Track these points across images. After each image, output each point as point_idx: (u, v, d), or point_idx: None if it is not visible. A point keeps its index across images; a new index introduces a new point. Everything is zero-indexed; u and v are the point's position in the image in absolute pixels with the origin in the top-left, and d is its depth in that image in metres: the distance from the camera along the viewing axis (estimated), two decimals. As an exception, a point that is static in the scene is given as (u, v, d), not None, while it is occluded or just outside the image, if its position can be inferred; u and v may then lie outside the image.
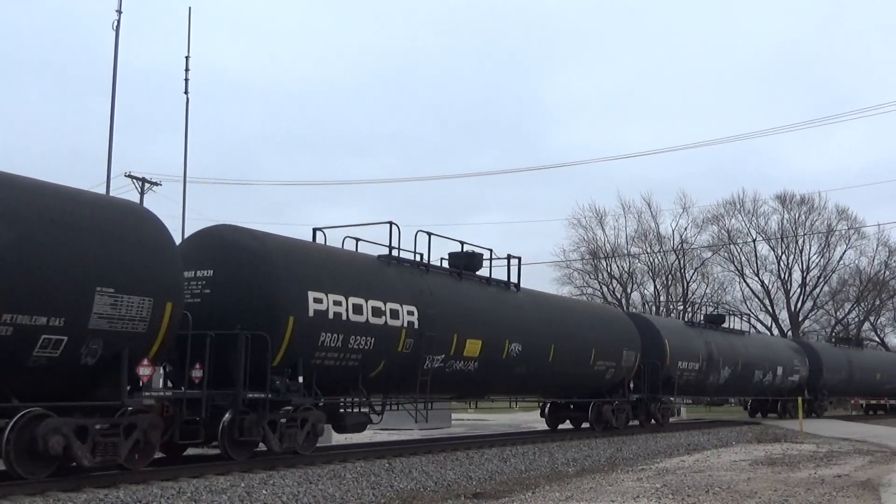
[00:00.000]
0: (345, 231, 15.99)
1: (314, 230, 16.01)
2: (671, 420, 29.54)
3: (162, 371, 13.14)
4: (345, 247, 15.99)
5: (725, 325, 32.38)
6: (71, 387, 10.46)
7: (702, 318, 31.73)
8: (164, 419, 11.54)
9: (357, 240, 16.03)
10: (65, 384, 10.37)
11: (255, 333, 12.35)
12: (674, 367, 25.82)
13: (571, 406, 23.49)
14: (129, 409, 10.74)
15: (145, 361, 10.87)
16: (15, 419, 9.66)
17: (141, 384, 11.00)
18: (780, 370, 33.96)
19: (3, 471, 10.01)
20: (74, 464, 10.34)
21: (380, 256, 15.88)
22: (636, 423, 25.16)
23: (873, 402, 49.43)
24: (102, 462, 10.47)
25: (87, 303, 10.04)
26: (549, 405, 24.19)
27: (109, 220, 10.87)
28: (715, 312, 34.31)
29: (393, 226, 15.86)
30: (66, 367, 10.13)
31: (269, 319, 12.63)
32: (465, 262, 18.07)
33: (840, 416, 42.49)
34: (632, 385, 24.34)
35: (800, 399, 32.45)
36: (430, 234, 17.08)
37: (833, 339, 46.92)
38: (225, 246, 13.31)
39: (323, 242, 15.78)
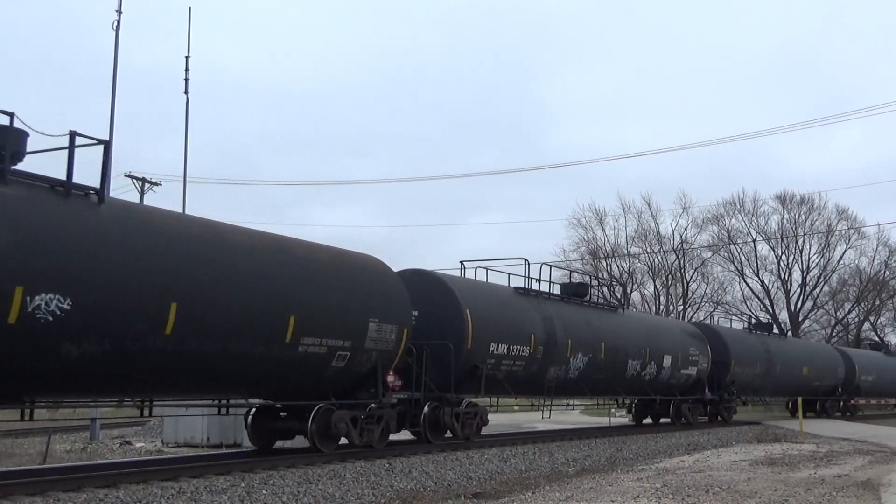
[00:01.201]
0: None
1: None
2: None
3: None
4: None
5: (595, 299, 24.72)
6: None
7: (550, 286, 22.34)
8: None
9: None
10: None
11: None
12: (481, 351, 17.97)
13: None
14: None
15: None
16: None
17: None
18: (667, 361, 25.85)
19: (5, 471, 10.01)
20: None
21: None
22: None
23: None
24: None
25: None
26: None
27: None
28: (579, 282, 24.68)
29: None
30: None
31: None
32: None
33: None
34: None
35: (800, 399, 32.44)
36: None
37: (748, 325, 37.49)
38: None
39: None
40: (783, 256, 66.28)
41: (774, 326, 38.00)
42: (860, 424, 34.91)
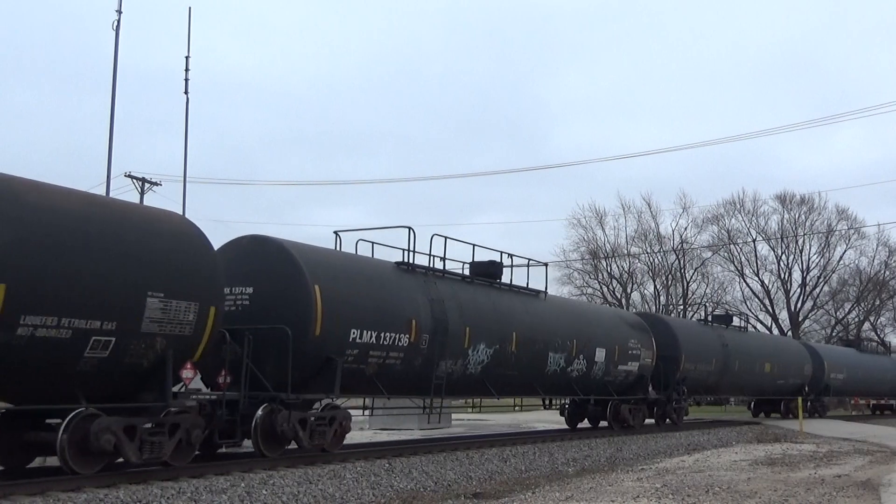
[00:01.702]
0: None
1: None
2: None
3: None
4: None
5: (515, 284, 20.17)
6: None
7: (444, 262, 17.99)
8: None
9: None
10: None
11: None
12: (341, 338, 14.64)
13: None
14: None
15: None
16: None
17: None
18: (600, 355, 22.11)
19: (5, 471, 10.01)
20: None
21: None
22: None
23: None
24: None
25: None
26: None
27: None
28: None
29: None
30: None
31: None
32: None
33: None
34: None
35: (800, 399, 32.45)
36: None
37: (705, 316, 34.41)
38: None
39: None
40: (783, 256, 66.39)
41: (735, 319, 33.75)
42: (860, 424, 34.91)
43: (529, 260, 21.06)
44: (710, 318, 33.11)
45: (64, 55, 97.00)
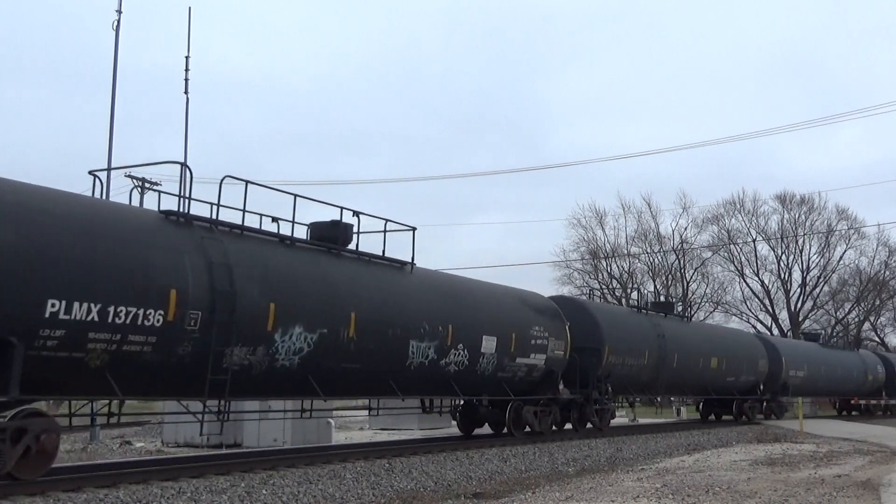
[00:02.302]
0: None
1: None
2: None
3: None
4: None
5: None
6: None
7: (240, 215, 13.79)
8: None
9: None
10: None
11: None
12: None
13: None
14: None
15: None
16: None
17: None
18: (488, 345, 17.94)
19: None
20: None
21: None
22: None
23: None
24: None
25: None
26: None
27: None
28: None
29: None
30: None
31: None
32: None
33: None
34: None
35: (800, 399, 32.44)
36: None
37: (639, 301, 29.58)
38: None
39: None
40: (783, 256, 66.43)
41: (676, 307, 29.89)
42: (860, 424, 34.90)
43: (387, 221, 16.37)
44: (645, 304, 28.25)
45: (64, 55, 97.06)
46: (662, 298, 35.67)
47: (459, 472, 14.75)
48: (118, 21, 26.99)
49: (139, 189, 36.98)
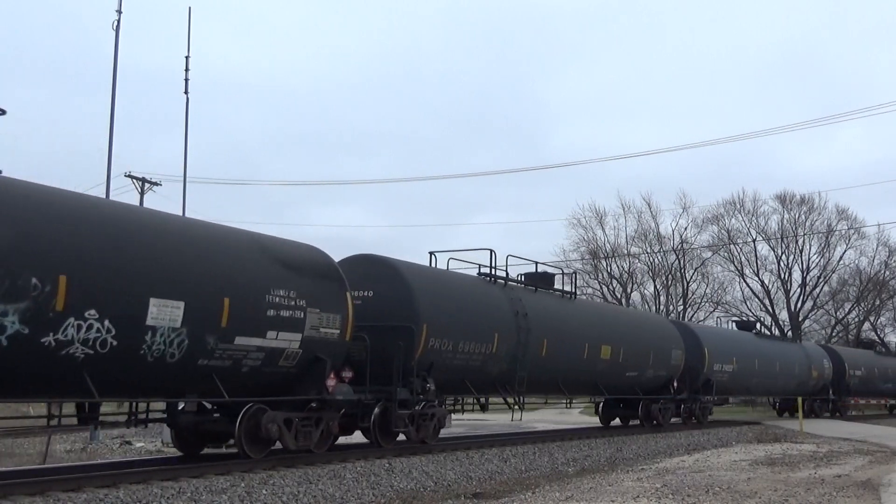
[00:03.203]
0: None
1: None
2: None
3: None
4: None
5: None
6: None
7: None
8: None
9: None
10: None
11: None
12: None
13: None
14: None
15: None
16: None
17: None
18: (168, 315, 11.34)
19: (5, 471, 10.00)
20: None
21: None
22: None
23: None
24: None
25: None
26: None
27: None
28: None
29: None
30: None
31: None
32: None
33: None
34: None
35: (800, 399, 32.45)
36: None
37: (491, 269, 19.28)
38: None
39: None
40: (783, 256, 66.35)
41: (556, 281, 22.01)
42: (860, 424, 34.89)
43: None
44: (505, 272, 19.77)
45: (64, 55, 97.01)
46: (662, 299, 35.79)
47: (459, 472, 14.75)
48: (118, 21, 26.94)
49: (139, 189, 37.11)
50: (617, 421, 27.02)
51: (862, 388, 43.84)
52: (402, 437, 16.37)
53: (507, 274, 19.70)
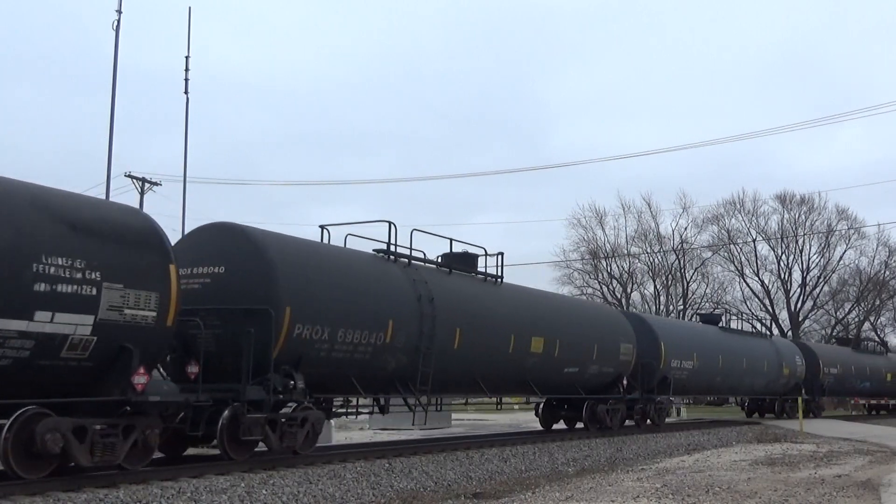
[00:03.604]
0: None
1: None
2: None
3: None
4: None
5: None
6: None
7: None
8: None
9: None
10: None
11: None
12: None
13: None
14: None
15: None
16: None
17: None
18: None
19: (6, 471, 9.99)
20: None
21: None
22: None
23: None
24: None
25: None
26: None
27: None
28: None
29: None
30: None
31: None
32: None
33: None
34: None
35: (800, 399, 32.46)
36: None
37: (389, 244, 16.14)
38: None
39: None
40: (783, 256, 66.39)
41: (482, 262, 18.98)
42: (860, 424, 34.90)
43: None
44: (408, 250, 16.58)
45: (64, 55, 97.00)
46: (662, 299, 35.10)
47: (459, 472, 14.75)
48: (118, 21, 26.96)
49: (139, 189, 37.13)
50: (561, 424, 23.56)
51: (837, 388, 40.90)
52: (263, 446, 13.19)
53: (412, 252, 16.52)
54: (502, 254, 19.19)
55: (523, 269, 72.75)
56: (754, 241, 65.88)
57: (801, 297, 66.47)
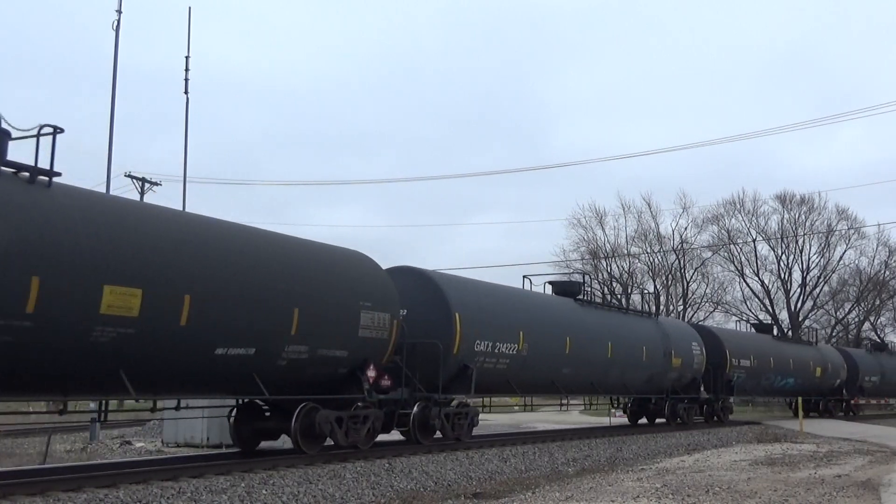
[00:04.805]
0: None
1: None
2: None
3: None
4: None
5: None
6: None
7: None
8: None
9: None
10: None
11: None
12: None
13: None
14: None
15: None
16: None
17: None
18: None
19: (5, 471, 10.01)
20: None
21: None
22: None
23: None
24: None
25: None
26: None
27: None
28: None
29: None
30: None
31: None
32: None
33: None
34: None
35: (799, 399, 32.43)
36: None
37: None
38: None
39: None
40: (783, 256, 66.38)
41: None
42: (860, 424, 34.88)
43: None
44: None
45: (64, 55, 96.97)
46: (662, 299, 33.79)
47: (459, 472, 14.75)
48: (118, 21, 26.94)
49: (139, 189, 37.10)
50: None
51: (750, 385, 32.22)
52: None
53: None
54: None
55: (523, 269, 72.80)
56: (754, 241, 65.93)
57: (801, 297, 66.51)
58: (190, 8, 38.35)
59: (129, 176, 37.17)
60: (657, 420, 28.10)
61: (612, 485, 13.86)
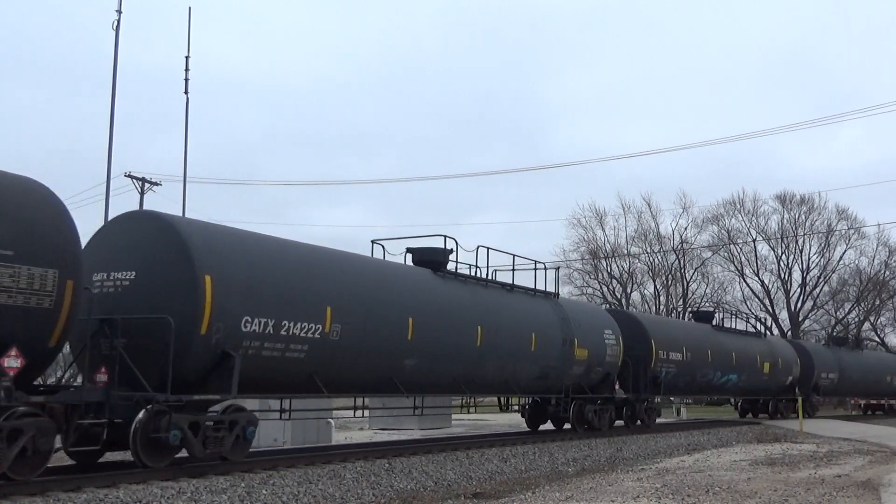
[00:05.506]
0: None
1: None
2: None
3: None
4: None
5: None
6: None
7: None
8: None
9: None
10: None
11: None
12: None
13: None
14: None
15: None
16: None
17: None
18: None
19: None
20: None
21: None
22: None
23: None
24: None
25: None
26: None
27: None
28: None
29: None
30: None
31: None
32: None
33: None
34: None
35: (800, 399, 32.44)
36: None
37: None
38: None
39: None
40: (783, 256, 66.36)
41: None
42: (860, 424, 34.87)
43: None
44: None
45: (64, 55, 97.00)
46: (662, 299, 32.00)
47: (459, 472, 14.75)
48: (118, 21, 27.00)
49: (139, 189, 37.11)
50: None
51: (682, 382, 27.21)
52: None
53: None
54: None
55: (523, 270, 72.50)
56: (754, 241, 65.91)
57: (801, 297, 66.48)
58: (190, 8, 38.48)
59: (129, 176, 37.21)
60: (565, 426, 22.51)
61: (612, 485, 13.86)
